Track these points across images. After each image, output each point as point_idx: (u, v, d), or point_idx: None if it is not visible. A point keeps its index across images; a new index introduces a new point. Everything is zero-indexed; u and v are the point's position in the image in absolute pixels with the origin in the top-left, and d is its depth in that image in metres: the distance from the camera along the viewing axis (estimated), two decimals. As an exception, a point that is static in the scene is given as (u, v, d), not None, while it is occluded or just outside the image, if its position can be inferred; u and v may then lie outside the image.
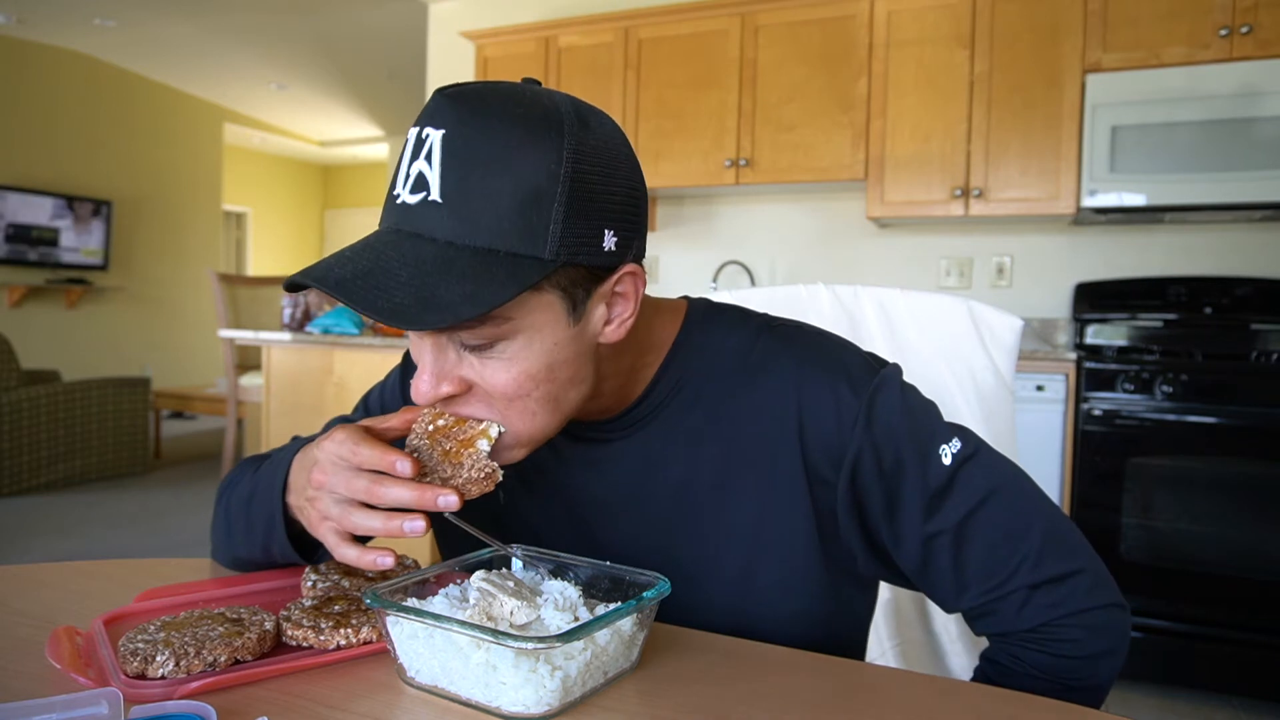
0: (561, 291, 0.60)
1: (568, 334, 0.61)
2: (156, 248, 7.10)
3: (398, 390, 0.87)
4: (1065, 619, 0.67)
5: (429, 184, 0.57)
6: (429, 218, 0.57)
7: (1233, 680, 2.30)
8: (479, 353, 0.60)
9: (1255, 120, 2.52)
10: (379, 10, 5.06)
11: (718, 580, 0.73)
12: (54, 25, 5.71)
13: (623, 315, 0.65)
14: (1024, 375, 2.52)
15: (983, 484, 0.68)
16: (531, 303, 0.59)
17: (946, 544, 0.68)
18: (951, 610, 0.72)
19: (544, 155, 0.57)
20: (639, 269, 0.65)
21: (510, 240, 0.56)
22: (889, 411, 0.69)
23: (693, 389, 0.72)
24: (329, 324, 2.70)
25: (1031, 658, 0.68)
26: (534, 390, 0.61)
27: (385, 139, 8.46)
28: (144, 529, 3.78)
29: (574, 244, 0.58)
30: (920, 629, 1.10)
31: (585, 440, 0.75)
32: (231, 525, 0.79)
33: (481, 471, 0.61)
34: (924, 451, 0.68)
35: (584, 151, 0.58)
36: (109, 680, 0.55)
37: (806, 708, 0.55)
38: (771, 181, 3.26)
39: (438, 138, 0.57)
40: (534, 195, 0.56)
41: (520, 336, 0.59)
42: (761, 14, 3.23)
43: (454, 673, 0.55)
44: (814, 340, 0.74)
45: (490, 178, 0.56)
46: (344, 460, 0.63)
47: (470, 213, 0.56)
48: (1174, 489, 2.35)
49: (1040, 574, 0.67)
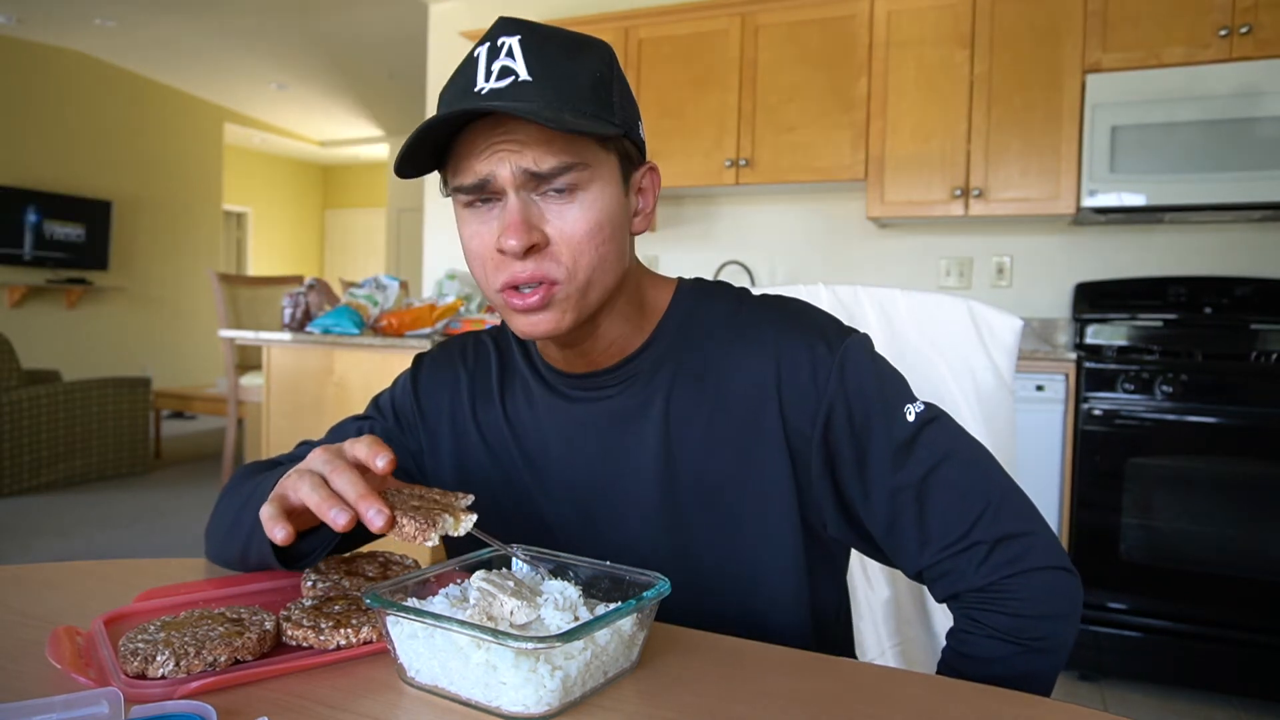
0: (620, 159, 0.72)
1: (621, 200, 0.72)
2: (156, 248, 7.10)
3: (410, 390, 0.89)
4: (1019, 576, 0.70)
5: (515, 71, 0.67)
6: (524, 92, 0.66)
7: (1233, 680, 2.30)
8: (562, 200, 0.68)
9: (1255, 120, 2.52)
10: (379, 10, 5.06)
11: (704, 535, 0.76)
12: (54, 25, 5.71)
13: (645, 209, 0.77)
14: (1024, 375, 2.52)
15: (944, 444, 0.73)
16: (603, 157, 0.70)
17: (910, 499, 0.72)
18: (913, 572, 0.75)
19: (598, 55, 0.71)
20: (657, 167, 0.78)
21: (590, 107, 0.68)
22: (860, 369, 0.74)
23: (682, 351, 0.78)
24: (329, 324, 2.69)
25: (988, 618, 0.70)
26: (600, 244, 0.70)
27: (385, 139, 8.46)
28: (144, 529, 3.78)
29: (628, 120, 0.72)
30: (920, 629, 1.10)
31: (583, 396, 0.79)
32: (220, 522, 0.81)
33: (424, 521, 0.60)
34: (890, 409, 0.74)
35: (618, 61, 0.73)
36: (109, 680, 0.55)
37: (806, 708, 0.55)
38: (771, 181, 3.26)
39: (514, 41, 0.68)
40: (600, 78, 0.70)
41: (594, 186, 0.69)
42: (761, 14, 3.23)
43: (454, 673, 0.55)
44: (792, 307, 0.80)
45: (566, 64, 0.68)
46: (343, 448, 0.65)
47: (558, 85, 0.67)
48: (1174, 489, 2.35)
49: (996, 531, 0.71)
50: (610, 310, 0.76)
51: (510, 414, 0.84)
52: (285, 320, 2.94)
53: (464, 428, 0.86)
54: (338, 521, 0.59)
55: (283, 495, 0.65)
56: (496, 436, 0.84)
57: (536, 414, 0.82)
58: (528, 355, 0.85)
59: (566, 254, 0.69)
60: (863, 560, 1.11)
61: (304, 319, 2.91)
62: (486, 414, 0.85)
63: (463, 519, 0.62)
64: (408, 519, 0.60)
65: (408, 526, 0.59)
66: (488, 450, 0.85)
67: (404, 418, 0.89)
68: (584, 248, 0.69)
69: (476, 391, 0.86)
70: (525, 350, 0.86)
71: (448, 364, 0.89)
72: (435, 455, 0.87)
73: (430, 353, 0.92)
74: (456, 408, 0.87)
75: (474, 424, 0.85)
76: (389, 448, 0.64)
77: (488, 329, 0.91)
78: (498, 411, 0.84)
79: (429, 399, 0.88)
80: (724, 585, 0.77)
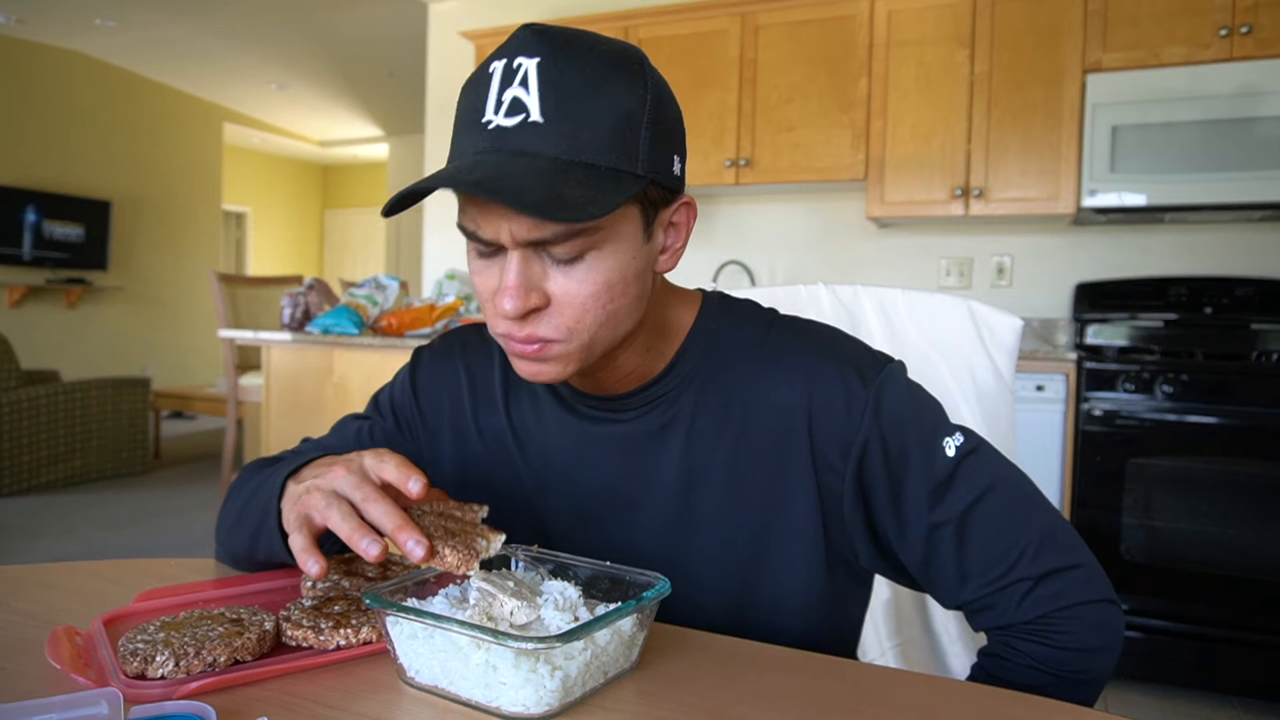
0: (641, 208, 0.65)
1: (640, 250, 0.66)
2: (156, 248, 7.10)
3: (408, 388, 0.88)
4: (1064, 611, 0.68)
5: (527, 107, 0.60)
6: (532, 138, 0.60)
7: (1233, 680, 2.30)
8: (566, 265, 0.63)
9: (1255, 120, 2.52)
10: (379, 10, 5.06)
11: (722, 565, 0.74)
12: (55, 25, 5.71)
13: (675, 245, 0.70)
14: (1024, 375, 2.52)
15: (985, 477, 0.70)
16: (618, 214, 0.63)
17: (949, 534, 0.69)
18: (952, 605, 0.73)
19: (631, 83, 0.62)
20: (693, 201, 0.71)
21: (609, 156, 0.61)
22: (896, 402, 0.71)
23: (707, 375, 0.75)
24: (329, 324, 2.69)
25: (1029, 649, 0.69)
26: (608, 303, 0.64)
27: (385, 139, 8.45)
28: (144, 529, 3.78)
29: (657, 162, 0.64)
30: (920, 629, 1.10)
31: (600, 416, 0.76)
32: (226, 520, 0.80)
33: (466, 550, 0.60)
34: (929, 443, 0.70)
35: (658, 83, 0.65)
36: (109, 680, 0.55)
37: (806, 708, 0.55)
38: (771, 181, 3.26)
39: (532, 66, 0.60)
40: (626, 117, 0.62)
41: (606, 247, 0.63)
42: (761, 14, 3.23)
43: (454, 673, 0.55)
44: (824, 334, 0.76)
45: (588, 101, 0.60)
46: (369, 468, 0.64)
47: (573, 131, 0.60)
48: (1174, 489, 2.35)
49: (1040, 566, 0.68)
50: (627, 346, 0.72)
51: (516, 423, 0.81)
52: (285, 320, 2.94)
53: (465, 430, 0.84)
54: (370, 552, 0.58)
55: (307, 518, 0.63)
56: (500, 444, 0.82)
57: (545, 426, 0.80)
58: None
59: (569, 315, 0.64)
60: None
61: (304, 319, 2.91)
62: (490, 419, 0.83)
63: (493, 539, 0.62)
64: (449, 549, 0.59)
65: (450, 557, 0.58)
66: (490, 456, 0.83)
67: (403, 417, 0.88)
68: (588, 308, 0.64)
69: (478, 393, 0.84)
70: None
71: (448, 359, 0.87)
72: (436, 454, 0.86)
73: (429, 347, 0.89)
74: (456, 407, 0.85)
75: (475, 427, 0.83)
76: (418, 469, 0.63)
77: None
78: (501, 418, 0.82)
79: (428, 398, 0.87)
80: (741, 617, 0.74)
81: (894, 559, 0.74)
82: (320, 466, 0.67)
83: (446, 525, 0.62)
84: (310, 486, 0.65)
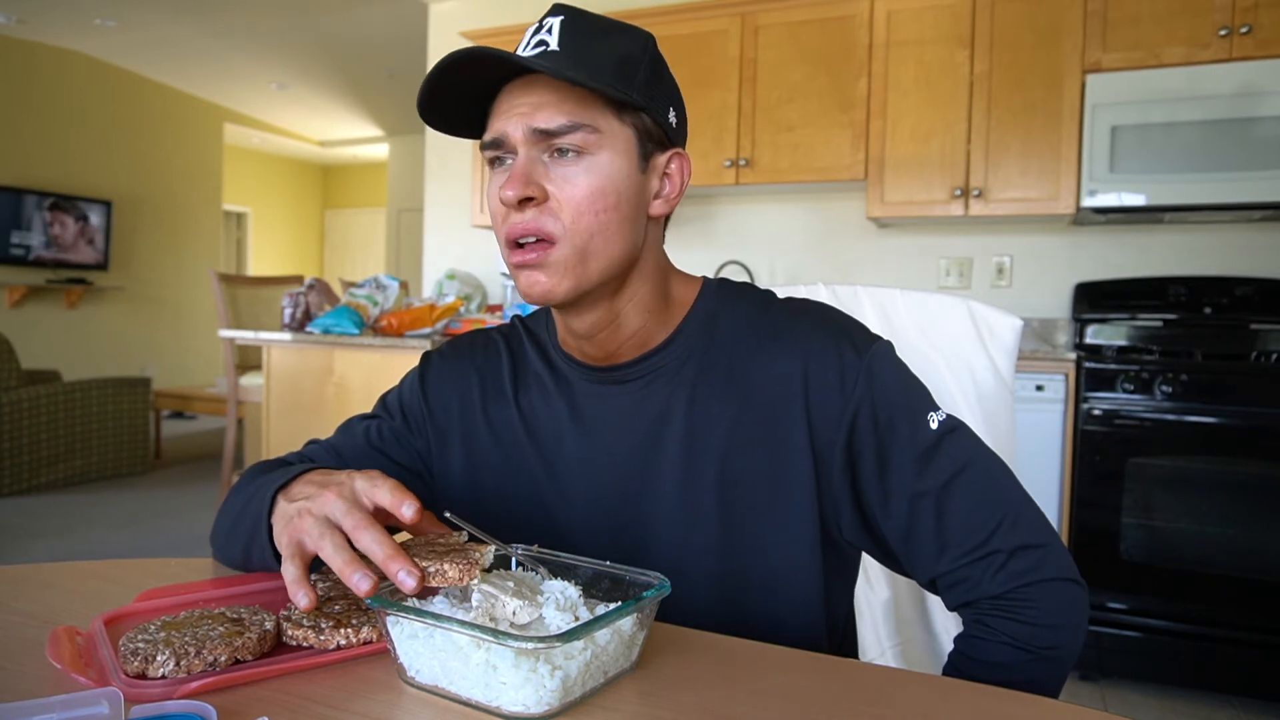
0: (637, 133, 0.73)
1: (634, 174, 0.73)
2: (156, 248, 7.10)
3: (418, 389, 0.89)
4: (1033, 586, 0.71)
5: (548, 43, 0.71)
6: (547, 60, 0.69)
7: (1233, 680, 2.30)
8: (567, 161, 0.70)
9: (1255, 120, 2.52)
10: (379, 10, 5.07)
11: (721, 532, 0.76)
12: (55, 25, 5.71)
13: (669, 194, 0.77)
14: (1024, 375, 2.52)
15: (965, 453, 0.74)
16: (616, 128, 0.72)
17: (930, 505, 0.72)
18: (928, 578, 0.75)
19: (633, 38, 0.74)
20: (687, 156, 0.78)
21: (610, 81, 0.70)
22: (887, 374, 0.75)
23: (708, 348, 0.78)
24: (329, 324, 2.69)
25: (1002, 625, 0.71)
26: (601, 211, 0.71)
27: (385, 139, 8.45)
28: (144, 529, 3.78)
29: (653, 100, 0.73)
30: (920, 629, 1.10)
31: (605, 391, 0.79)
32: (223, 522, 0.80)
33: (465, 561, 0.60)
34: (916, 415, 0.74)
35: (659, 55, 0.76)
36: (109, 680, 0.55)
37: (806, 708, 0.55)
38: (771, 181, 3.26)
39: (557, 21, 0.72)
40: (627, 57, 0.72)
41: (603, 153, 0.71)
42: (761, 14, 3.23)
43: (454, 673, 0.55)
44: (820, 310, 0.80)
45: (597, 43, 0.71)
46: (360, 492, 0.64)
47: (580, 58, 0.70)
48: (1174, 489, 2.35)
49: (1014, 540, 0.71)
50: (631, 299, 0.77)
51: (524, 409, 0.84)
52: (285, 320, 2.94)
53: (474, 426, 0.85)
54: (360, 587, 0.58)
55: (300, 545, 0.63)
56: (509, 433, 0.84)
57: (552, 407, 0.82)
58: (542, 351, 0.85)
59: (565, 212, 0.70)
60: (864, 561, 1.11)
61: (304, 319, 2.91)
62: (499, 412, 0.85)
63: (485, 550, 0.62)
64: (448, 563, 0.59)
65: (451, 571, 0.59)
66: (499, 447, 0.84)
67: (412, 417, 0.88)
68: (583, 209, 0.70)
69: (488, 391, 0.86)
70: (540, 346, 0.86)
71: (457, 362, 0.88)
72: (444, 454, 0.87)
73: (439, 350, 0.91)
74: (466, 406, 0.86)
75: (485, 422, 0.85)
76: (412, 494, 0.63)
77: (497, 327, 0.91)
78: (511, 409, 0.84)
79: (437, 398, 0.88)
80: (743, 584, 0.76)
81: (876, 532, 0.76)
82: (311, 485, 0.67)
83: (434, 549, 0.62)
84: (301, 509, 0.65)
